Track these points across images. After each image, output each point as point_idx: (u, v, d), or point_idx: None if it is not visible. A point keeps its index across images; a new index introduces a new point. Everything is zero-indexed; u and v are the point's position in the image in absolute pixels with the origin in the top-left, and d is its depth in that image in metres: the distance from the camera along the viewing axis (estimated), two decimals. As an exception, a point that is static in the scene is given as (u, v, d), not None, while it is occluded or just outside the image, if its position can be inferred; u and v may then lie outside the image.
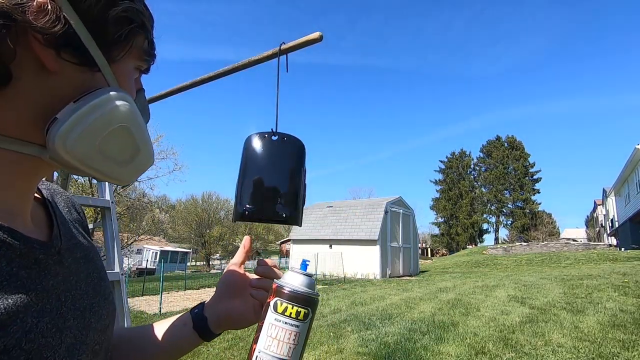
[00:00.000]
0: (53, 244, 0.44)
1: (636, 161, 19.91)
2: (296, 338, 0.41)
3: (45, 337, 0.37)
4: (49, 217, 0.50)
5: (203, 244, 41.65)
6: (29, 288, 0.37)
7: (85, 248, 0.52)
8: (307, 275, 0.45)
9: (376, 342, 4.93)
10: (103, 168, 0.41)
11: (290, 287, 0.43)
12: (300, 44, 1.04)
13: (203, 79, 1.34)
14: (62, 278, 0.43)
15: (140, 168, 0.46)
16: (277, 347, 0.41)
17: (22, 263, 0.38)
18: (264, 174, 0.66)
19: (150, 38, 0.48)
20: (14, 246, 0.37)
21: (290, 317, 0.42)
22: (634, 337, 4.41)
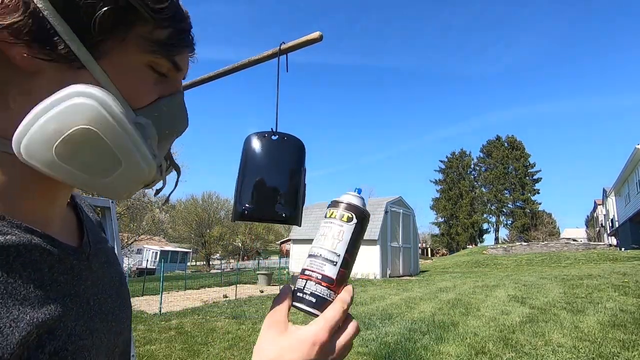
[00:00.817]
0: (83, 250, 0.46)
1: (636, 161, 19.91)
2: (340, 234, 0.47)
3: (83, 340, 0.38)
4: (79, 223, 0.51)
5: (203, 243, 41.64)
6: (66, 293, 0.39)
7: (108, 252, 0.54)
8: (355, 195, 0.50)
9: (376, 342, 4.93)
10: (72, 178, 0.36)
11: (338, 199, 0.49)
12: (300, 44, 1.04)
13: (203, 79, 1.34)
14: (91, 283, 0.45)
15: (130, 182, 0.39)
16: (324, 241, 0.47)
17: (60, 269, 0.39)
18: (264, 173, 0.66)
19: (168, 26, 0.41)
20: (53, 253, 0.39)
21: (334, 218, 0.48)
22: (634, 337, 4.41)
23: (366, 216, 0.49)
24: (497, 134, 56.13)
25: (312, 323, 0.43)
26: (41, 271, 0.37)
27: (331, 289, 0.45)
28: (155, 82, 0.43)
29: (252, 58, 1.18)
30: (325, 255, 0.46)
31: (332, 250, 0.46)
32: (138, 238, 25.86)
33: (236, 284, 12.04)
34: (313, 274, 0.46)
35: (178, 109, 0.46)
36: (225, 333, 5.84)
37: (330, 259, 0.46)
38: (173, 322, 6.86)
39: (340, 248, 0.47)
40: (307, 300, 0.45)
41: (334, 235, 0.47)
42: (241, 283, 14.57)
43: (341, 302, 0.44)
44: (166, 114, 0.43)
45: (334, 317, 0.43)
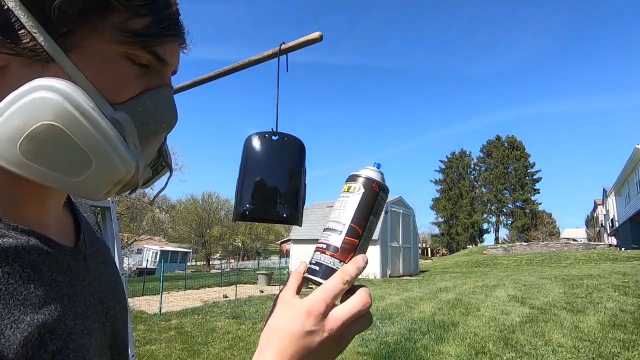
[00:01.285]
0: (80, 250, 0.46)
1: (636, 161, 19.91)
2: (344, 204, 0.47)
3: (82, 338, 0.39)
4: (76, 223, 0.51)
5: (203, 243, 41.63)
6: (65, 293, 0.39)
7: (104, 253, 0.53)
8: (370, 168, 0.50)
9: (376, 342, 4.93)
10: (43, 178, 0.35)
11: (352, 174, 0.50)
12: (300, 44, 1.03)
13: (203, 79, 1.34)
14: (88, 283, 0.45)
15: (104, 181, 0.36)
16: (332, 214, 0.48)
17: (58, 269, 0.40)
18: (264, 173, 0.66)
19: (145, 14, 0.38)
20: (50, 254, 0.39)
21: (342, 191, 0.49)
22: (634, 337, 4.41)
23: (373, 184, 0.48)
24: (497, 134, 56.14)
25: (311, 293, 0.42)
26: (40, 272, 0.37)
27: (336, 257, 0.45)
28: (138, 75, 0.40)
29: (252, 58, 1.18)
30: (330, 226, 0.47)
31: (336, 220, 0.47)
32: (138, 238, 25.86)
33: (236, 284, 12.04)
34: (320, 245, 0.47)
35: (164, 103, 0.43)
36: (225, 333, 5.84)
37: (334, 228, 0.47)
38: (173, 322, 6.86)
39: (345, 217, 0.47)
40: (312, 269, 0.46)
41: (339, 207, 0.48)
42: (241, 283, 14.57)
43: (342, 272, 0.43)
44: (150, 108, 0.41)
45: (333, 286, 0.42)
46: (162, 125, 0.43)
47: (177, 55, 0.44)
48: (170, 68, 0.44)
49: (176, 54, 0.44)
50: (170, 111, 0.44)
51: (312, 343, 0.40)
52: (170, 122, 0.44)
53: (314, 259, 0.46)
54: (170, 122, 0.44)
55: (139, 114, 0.40)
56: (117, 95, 0.38)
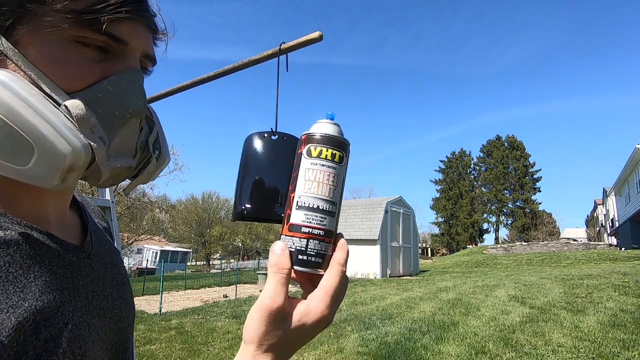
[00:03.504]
0: (84, 248, 0.47)
1: (636, 161, 19.90)
2: (335, 179, 0.42)
3: (79, 330, 0.40)
4: (84, 225, 0.53)
5: (203, 243, 41.65)
6: (64, 286, 0.41)
7: (112, 255, 0.55)
8: (335, 124, 0.44)
9: (376, 341, 4.93)
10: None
11: (321, 133, 0.43)
12: (300, 44, 1.03)
13: (203, 79, 1.34)
14: (91, 279, 0.46)
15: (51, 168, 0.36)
16: (318, 188, 0.41)
17: (59, 263, 0.42)
18: (264, 173, 0.66)
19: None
20: (52, 248, 0.41)
21: (326, 159, 0.42)
22: (634, 336, 4.41)
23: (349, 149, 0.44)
24: (497, 134, 56.14)
25: (313, 297, 0.39)
26: (41, 263, 0.39)
27: (332, 242, 0.42)
28: (95, 60, 0.39)
29: (252, 58, 1.18)
30: (324, 207, 0.41)
31: (330, 199, 0.41)
32: (138, 238, 25.86)
33: (236, 284, 12.04)
34: (314, 231, 0.40)
35: (127, 88, 0.41)
36: (225, 333, 5.84)
37: (330, 210, 0.41)
38: (173, 322, 6.86)
39: (337, 196, 0.42)
40: (313, 262, 0.40)
41: (329, 181, 0.41)
42: (241, 283, 14.58)
43: (339, 266, 0.40)
44: (112, 94, 0.40)
45: (333, 286, 0.40)
46: (127, 110, 0.41)
47: (140, 35, 0.42)
48: (133, 49, 0.42)
49: (139, 34, 0.42)
50: (135, 96, 0.42)
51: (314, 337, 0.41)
52: (135, 107, 0.42)
53: (311, 248, 0.40)
54: (135, 107, 0.42)
55: (100, 101, 0.39)
56: (73, 82, 0.38)
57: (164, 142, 0.53)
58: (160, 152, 0.51)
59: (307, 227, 0.40)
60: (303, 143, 0.43)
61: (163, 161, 0.52)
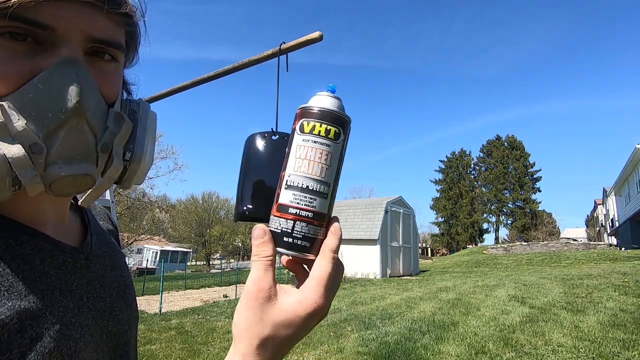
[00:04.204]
0: (82, 250, 0.47)
1: (636, 161, 19.90)
2: (328, 158, 0.38)
3: (70, 330, 0.40)
4: (85, 227, 0.52)
5: (203, 243, 41.66)
6: (55, 286, 0.41)
7: (115, 257, 0.55)
8: (335, 97, 0.40)
9: (376, 341, 4.92)
10: None
11: (317, 106, 0.39)
12: (300, 44, 1.03)
13: (203, 79, 1.34)
14: (87, 281, 0.46)
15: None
16: (308, 167, 0.38)
17: (52, 263, 0.41)
18: (265, 173, 0.66)
19: None
20: (45, 248, 0.41)
21: (319, 135, 0.38)
22: (634, 336, 4.41)
23: (350, 125, 0.40)
24: (497, 134, 56.09)
25: (306, 287, 0.36)
26: (31, 264, 0.39)
27: (323, 226, 0.38)
28: (27, 54, 0.35)
29: (253, 58, 1.18)
30: (315, 187, 0.37)
31: (322, 179, 0.38)
32: (138, 238, 25.88)
33: (236, 284, 12.04)
34: (302, 212, 0.37)
35: (58, 85, 0.35)
36: (225, 333, 5.84)
37: (321, 191, 0.38)
38: (173, 322, 6.86)
39: (330, 175, 0.38)
40: (299, 245, 0.37)
41: (320, 159, 0.38)
42: (241, 283, 14.55)
43: (331, 253, 0.37)
44: (43, 93, 0.35)
45: (327, 274, 0.36)
46: (60, 109, 0.35)
47: (73, 17, 0.36)
48: (65, 35, 0.36)
49: (70, 15, 0.36)
50: (69, 92, 0.36)
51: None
52: (70, 105, 0.36)
53: (298, 231, 0.37)
54: (70, 105, 0.36)
55: (31, 102, 0.34)
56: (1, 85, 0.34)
57: (143, 141, 0.45)
58: (132, 153, 0.44)
59: (294, 207, 0.37)
60: (297, 117, 0.40)
61: (137, 163, 0.44)
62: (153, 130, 0.48)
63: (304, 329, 0.36)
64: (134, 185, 0.48)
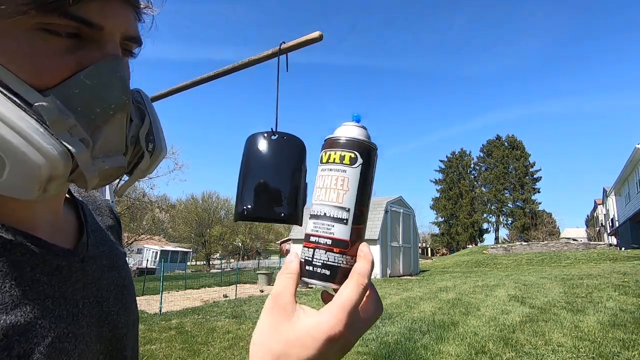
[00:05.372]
0: (77, 252, 0.44)
1: (636, 161, 19.90)
2: (345, 183, 0.38)
3: (62, 342, 0.37)
4: (81, 224, 0.49)
5: (203, 243, 41.66)
6: (48, 294, 0.38)
7: (113, 256, 0.52)
8: (354, 125, 0.40)
9: (376, 341, 4.93)
10: None
11: (333, 136, 0.40)
12: (300, 44, 1.03)
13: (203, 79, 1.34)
14: (83, 285, 0.43)
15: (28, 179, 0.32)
16: (325, 194, 0.38)
17: (44, 269, 0.38)
18: (265, 173, 0.66)
19: None
20: (37, 253, 0.38)
21: (334, 162, 0.38)
22: (634, 336, 4.41)
23: (373, 150, 0.40)
24: (497, 134, 56.04)
25: (325, 310, 0.34)
26: (21, 270, 0.36)
27: (346, 253, 0.37)
28: (67, 49, 0.34)
29: (252, 58, 1.18)
30: (332, 213, 0.37)
31: (339, 205, 0.37)
32: (138, 238, 25.89)
33: (236, 284, 12.04)
34: (320, 240, 0.37)
35: (107, 80, 0.36)
36: (225, 333, 5.84)
37: (339, 217, 0.37)
38: (173, 322, 6.86)
39: (349, 200, 0.38)
40: (319, 273, 0.37)
41: (337, 185, 0.38)
42: (241, 283, 14.58)
43: (359, 277, 0.35)
44: (91, 88, 0.35)
45: (351, 299, 0.34)
46: (110, 106, 0.36)
47: (117, 15, 0.37)
48: (110, 33, 0.37)
49: (115, 13, 0.37)
50: (117, 88, 0.37)
51: None
52: (119, 101, 0.37)
53: (317, 259, 0.37)
54: (119, 101, 0.37)
55: (77, 97, 0.34)
56: (44, 77, 0.33)
57: (159, 133, 0.47)
58: (154, 145, 0.46)
59: (314, 236, 0.38)
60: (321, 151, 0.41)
61: (158, 155, 0.47)
62: (159, 120, 0.49)
63: (320, 354, 0.33)
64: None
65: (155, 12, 0.43)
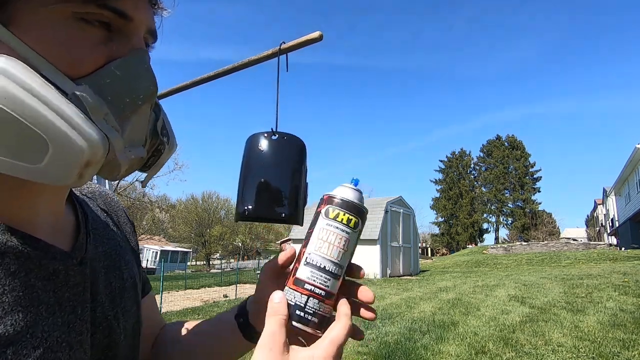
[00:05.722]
0: (75, 254, 0.42)
1: (636, 161, 19.91)
2: (346, 244, 0.42)
3: (55, 352, 0.35)
4: (78, 224, 0.47)
5: (203, 243, 41.68)
6: (42, 301, 0.36)
7: (115, 255, 0.50)
8: (357, 190, 0.45)
9: (376, 341, 4.93)
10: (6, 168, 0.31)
11: (342, 196, 0.44)
12: (300, 43, 1.03)
13: (203, 79, 1.34)
14: (82, 289, 0.41)
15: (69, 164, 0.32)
16: (328, 249, 0.41)
17: (39, 274, 0.36)
18: (265, 173, 0.66)
19: None
20: (32, 257, 0.36)
21: (341, 222, 0.42)
22: (634, 336, 4.41)
23: (366, 216, 0.45)
24: (497, 134, 56.09)
25: (317, 345, 0.38)
26: (14, 276, 0.34)
27: (331, 305, 0.42)
28: (100, 40, 0.35)
29: (252, 58, 1.18)
30: (331, 269, 0.41)
31: (338, 262, 0.41)
32: (138, 238, 25.90)
33: (236, 284, 12.04)
34: (316, 290, 0.41)
35: (136, 71, 0.37)
36: (225, 333, 5.85)
37: (336, 273, 0.41)
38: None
39: (345, 259, 0.42)
40: (308, 320, 0.40)
41: (339, 244, 0.42)
42: (241, 283, 14.58)
43: (346, 319, 0.40)
44: (121, 78, 0.36)
45: (339, 337, 0.39)
46: (138, 95, 0.37)
47: (143, 10, 0.38)
48: (137, 26, 0.38)
49: (142, 8, 0.38)
50: (146, 79, 0.38)
51: None
52: (147, 91, 0.38)
53: (310, 307, 0.40)
54: (147, 91, 0.38)
55: (108, 87, 0.35)
56: (78, 66, 0.34)
57: (170, 127, 0.49)
58: (168, 139, 0.47)
59: (310, 284, 0.41)
60: (323, 203, 0.44)
61: (172, 148, 0.48)
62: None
63: None
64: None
65: (168, 14, 0.44)
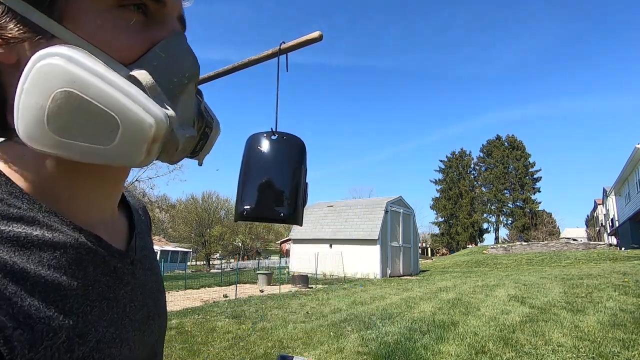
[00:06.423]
0: (128, 254, 0.44)
1: (636, 160, 19.91)
2: None
3: (110, 347, 0.36)
4: (130, 227, 0.49)
5: (203, 243, 41.67)
6: (105, 296, 0.37)
7: (152, 259, 0.52)
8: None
9: (376, 341, 4.93)
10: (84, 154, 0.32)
11: None
12: (300, 43, 1.03)
13: (203, 79, 1.34)
14: (131, 288, 0.43)
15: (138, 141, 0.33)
16: None
17: (104, 270, 0.38)
18: (264, 173, 0.66)
19: None
20: (99, 253, 0.38)
21: None
22: (634, 336, 4.41)
23: None
24: (497, 134, 56.08)
25: None
26: (85, 270, 0.36)
27: None
28: (141, 26, 0.37)
29: (252, 58, 1.18)
30: None
31: None
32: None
33: (236, 284, 12.04)
34: None
35: (178, 51, 0.39)
36: (225, 333, 5.84)
37: None
38: (173, 322, 6.86)
39: None
40: None
41: None
42: (241, 283, 14.59)
43: None
44: (166, 60, 0.37)
45: None
46: (184, 75, 0.39)
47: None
48: (170, 11, 0.40)
49: None
50: (188, 58, 0.40)
51: None
52: (191, 70, 0.40)
53: None
54: (191, 70, 0.40)
55: (156, 69, 0.36)
56: (127, 52, 0.36)
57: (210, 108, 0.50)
58: (213, 119, 0.48)
59: None
60: None
61: (217, 130, 0.49)
62: None
63: None
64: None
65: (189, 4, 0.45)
